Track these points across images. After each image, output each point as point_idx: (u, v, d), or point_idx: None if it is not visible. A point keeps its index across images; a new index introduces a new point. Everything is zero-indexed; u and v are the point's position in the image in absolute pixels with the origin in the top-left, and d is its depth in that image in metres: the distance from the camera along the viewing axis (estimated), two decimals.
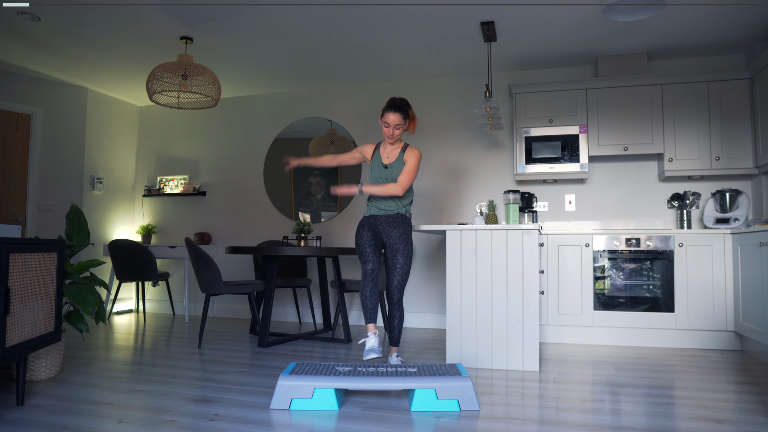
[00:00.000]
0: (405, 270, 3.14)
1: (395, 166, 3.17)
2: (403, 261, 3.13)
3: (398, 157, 3.19)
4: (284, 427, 2.23)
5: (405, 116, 3.10)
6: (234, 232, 5.88)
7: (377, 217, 3.20)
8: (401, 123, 3.09)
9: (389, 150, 3.23)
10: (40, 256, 2.53)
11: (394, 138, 3.14)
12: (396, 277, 3.14)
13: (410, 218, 3.25)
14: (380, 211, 3.19)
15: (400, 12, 3.88)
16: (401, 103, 3.09)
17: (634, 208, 4.78)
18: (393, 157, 3.20)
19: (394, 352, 3.22)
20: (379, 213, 3.19)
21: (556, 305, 4.25)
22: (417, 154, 3.16)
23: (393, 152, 3.21)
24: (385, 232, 3.17)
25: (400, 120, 3.08)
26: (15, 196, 5.19)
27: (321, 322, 5.44)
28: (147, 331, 4.79)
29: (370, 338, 2.98)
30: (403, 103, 3.10)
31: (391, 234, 3.14)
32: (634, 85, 4.53)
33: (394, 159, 3.19)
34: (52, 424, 2.23)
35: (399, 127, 3.10)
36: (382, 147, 3.26)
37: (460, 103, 5.22)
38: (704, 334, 4.04)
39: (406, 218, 3.21)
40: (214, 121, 6.06)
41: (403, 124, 3.11)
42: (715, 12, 3.84)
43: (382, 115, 3.10)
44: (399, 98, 3.12)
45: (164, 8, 3.83)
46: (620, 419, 2.35)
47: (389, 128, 3.09)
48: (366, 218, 3.24)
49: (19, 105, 5.23)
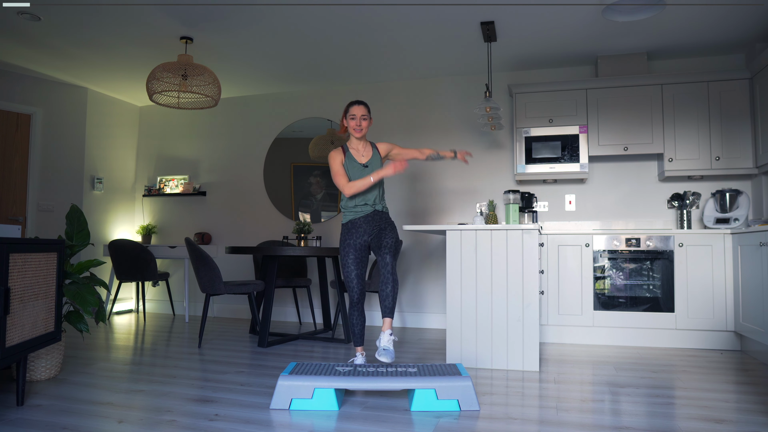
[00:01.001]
0: (394, 238, 3.06)
1: (374, 163, 3.15)
2: (390, 232, 3.07)
3: (374, 154, 3.18)
4: (284, 427, 2.23)
5: (368, 108, 3.15)
6: (234, 232, 5.88)
7: (355, 221, 3.11)
8: (366, 114, 3.12)
9: (362, 149, 3.17)
10: (40, 256, 2.53)
11: (362, 130, 3.10)
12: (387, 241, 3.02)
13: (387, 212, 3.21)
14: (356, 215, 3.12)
15: (400, 12, 3.88)
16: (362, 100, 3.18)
17: (634, 208, 4.77)
18: (368, 154, 3.17)
19: (387, 329, 2.94)
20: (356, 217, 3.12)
21: (556, 305, 4.25)
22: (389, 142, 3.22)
23: (366, 150, 3.18)
24: (366, 232, 3.10)
25: (365, 111, 3.12)
26: (15, 196, 5.19)
27: (321, 322, 5.44)
28: (147, 331, 4.79)
29: (359, 358, 3.13)
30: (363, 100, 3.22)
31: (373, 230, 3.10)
32: (634, 85, 4.52)
33: (371, 156, 3.17)
34: (52, 424, 2.23)
35: (365, 118, 3.11)
36: (353, 150, 3.16)
37: (460, 103, 5.22)
38: (704, 334, 4.04)
39: (384, 213, 3.17)
40: (214, 121, 6.06)
41: (368, 116, 3.14)
42: (715, 12, 3.84)
43: (346, 112, 3.10)
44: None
45: (164, 8, 3.83)
46: (620, 419, 2.35)
47: (356, 120, 3.08)
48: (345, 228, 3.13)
49: (19, 105, 5.23)
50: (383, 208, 3.19)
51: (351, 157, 3.13)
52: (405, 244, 5.25)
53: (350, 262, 3.09)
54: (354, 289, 3.10)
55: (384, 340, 2.92)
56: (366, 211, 3.12)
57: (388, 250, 2.99)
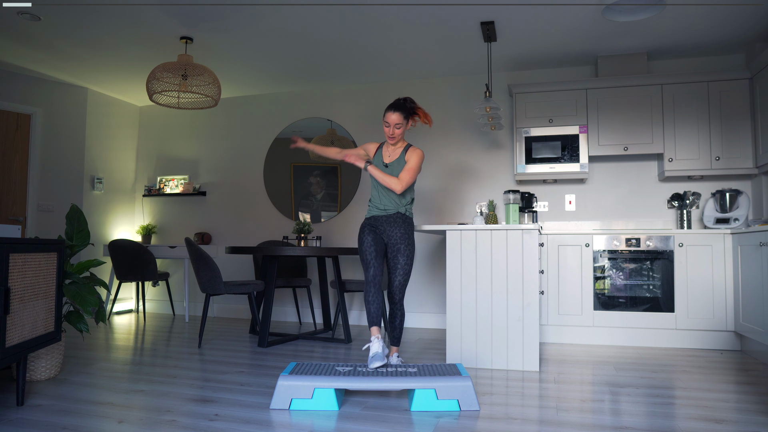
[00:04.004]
0: (406, 270, 3.12)
1: (396, 166, 3.16)
2: (404, 261, 3.11)
3: (399, 157, 3.18)
4: (284, 427, 2.23)
5: (406, 116, 3.08)
6: (234, 232, 5.88)
7: (378, 217, 3.18)
8: (401, 122, 3.08)
9: (391, 150, 3.22)
10: (40, 256, 2.53)
11: (394, 138, 3.13)
12: (397, 278, 3.12)
13: (412, 218, 3.22)
14: (380, 212, 3.17)
15: (400, 12, 3.88)
16: (403, 103, 3.08)
17: (634, 208, 4.78)
18: (394, 156, 3.19)
19: (395, 353, 3.20)
20: (379, 213, 3.17)
21: (556, 305, 4.25)
22: (419, 154, 3.14)
23: (395, 152, 3.21)
24: (386, 233, 3.15)
25: (401, 119, 3.07)
26: (15, 196, 5.19)
27: (321, 322, 5.44)
28: (147, 331, 4.79)
29: (374, 343, 2.81)
30: (406, 102, 3.09)
31: (392, 234, 3.13)
32: (634, 85, 4.53)
33: (396, 158, 3.18)
34: (52, 424, 2.23)
35: (399, 127, 3.08)
36: (385, 147, 3.26)
37: (460, 103, 5.22)
38: (704, 334, 4.04)
39: (407, 218, 3.18)
40: (214, 121, 6.06)
41: (404, 124, 3.10)
42: (715, 12, 3.84)
43: (384, 115, 3.11)
44: (403, 98, 3.12)
45: (164, 8, 3.83)
46: (620, 419, 2.35)
47: (389, 128, 3.09)
48: (367, 220, 3.22)
49: (19, 105, 5.23)
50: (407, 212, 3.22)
51: (380, 154, 3.26)
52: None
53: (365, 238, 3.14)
54: (370, 267, 3.08)
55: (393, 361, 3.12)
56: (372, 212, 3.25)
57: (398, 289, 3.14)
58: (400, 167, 3.15)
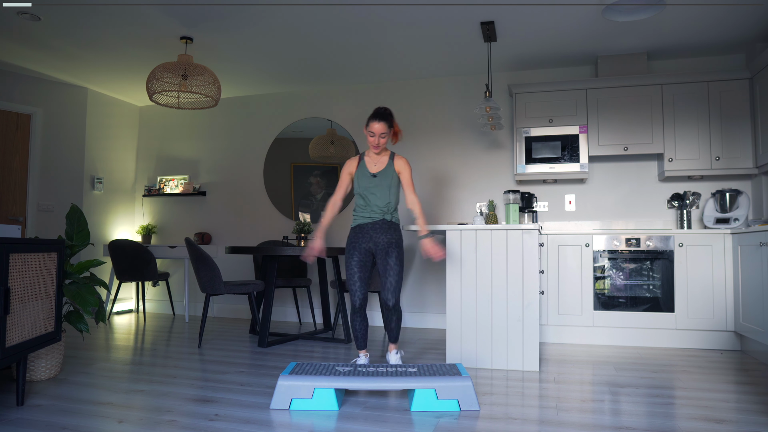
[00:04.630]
0: (397, 272, 3.08)
1: (384, 174, 3.12)
2: (394, 263, 3.08)
3: (387, 166, 3.14)
4: (284, 427, 2.23)
5: (389, 125, 3.09)
6: (234, 232, 5.88)
7: (363, 225, 3.13)
8: (386, 132, 3.07)
9: (375, 159, 3.18)
10: (40, 256, 2.53)
11: (380, 147, 3.10)
12: (389, 280, 3.07)
13: (398, 223, 3.18)
14: (365, 220, 3.13)
15: (400, 12, 3.88)
16: (385, 113, 3.08)
17: (634, 208, 4.78)
18: (381, 165, 3.15)
19: (393, 349, 3.19)
20: (364, 222, 3.13)
21: (556, 305, 4.25)
22: (407, 163, 3.16)
23: (380, 161, 3.17)
24: (372, 240, 3.10)
25: (385, 129, 3.06)
26: (15, 196, 5.19)
27: (321, 322, 5.44)
28: (147, 331, 4.79)
29: (361, 358, 3.16)
30: (387, 112, 3.10)
31: (380, 240, 3.09)
32: (634, 85, 4.52)
33: (383, 167, 3.14)
34: (52, 424, 2.23)
35: (384, 136, 3.08)
36: (367, 158, 3.20)
37: (460, 103, 5.22)
38: (704, 334, 4.04)
39: (394, 223, 3.15)
40: (214, 121, 6.06)
41: (388, 133, 3.10)
42: (715, 12, 3.84)
43: (367, 125, 3.08)
44: (383, 108, 3.11)
45: (164, 8, 3.83)
46: (620, 419, 2.35)
47: (375, 137, 3.07)
48: (353, 230, 3.16)
49: (19, 105, 5.23)
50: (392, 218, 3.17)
51: (364, 165, 3.18)
52: (405, 243, 5.24)
53: (353, 261, 3.12)
54: (356, 293, 3.11)
55: (392, 359, 3.18)
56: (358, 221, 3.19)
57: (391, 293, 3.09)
58: (388, 176, 3.13)
